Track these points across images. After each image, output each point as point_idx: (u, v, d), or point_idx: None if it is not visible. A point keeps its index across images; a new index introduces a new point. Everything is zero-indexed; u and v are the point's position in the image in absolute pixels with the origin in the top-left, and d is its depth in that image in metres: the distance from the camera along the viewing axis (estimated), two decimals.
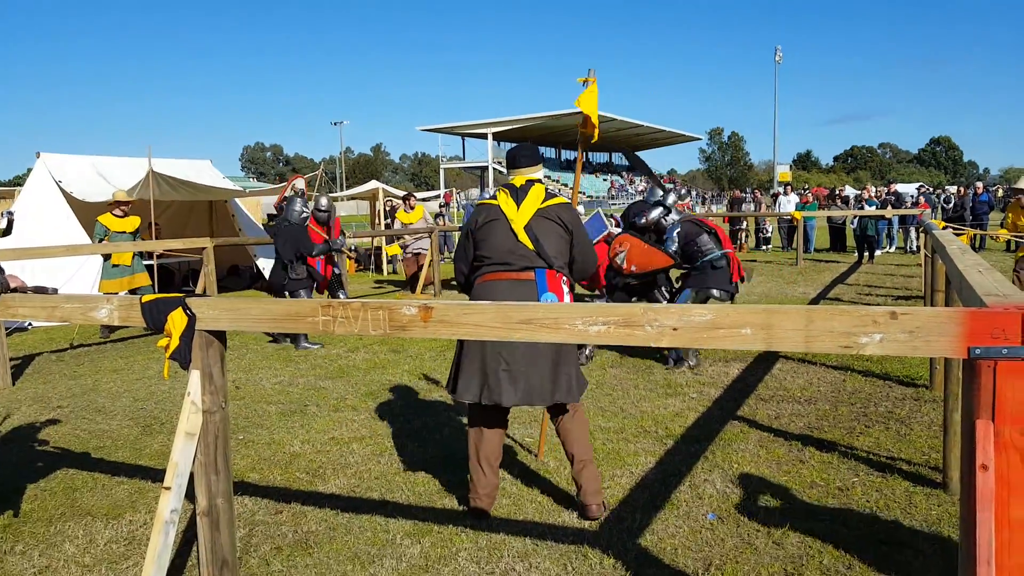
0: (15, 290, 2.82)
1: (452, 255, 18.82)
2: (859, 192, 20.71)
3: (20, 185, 20.68)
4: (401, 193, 17.40)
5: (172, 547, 2.43)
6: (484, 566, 2.89)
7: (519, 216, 3.24)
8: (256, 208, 16.82)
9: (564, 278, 3.30)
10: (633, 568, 2.82)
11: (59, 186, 10.03)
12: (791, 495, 3.45)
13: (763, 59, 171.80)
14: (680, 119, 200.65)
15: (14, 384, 6.22)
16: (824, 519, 3.19)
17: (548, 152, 72.74)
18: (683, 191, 18.88)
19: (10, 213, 10.01)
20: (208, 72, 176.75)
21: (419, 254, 11.77)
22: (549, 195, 3.32)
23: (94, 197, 9.88)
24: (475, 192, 60.96)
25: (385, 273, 15.66)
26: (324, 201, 8.44)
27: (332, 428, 4.74)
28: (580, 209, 9.48)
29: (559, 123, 60.43)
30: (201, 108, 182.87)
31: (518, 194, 3.31)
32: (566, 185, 61.02)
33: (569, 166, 69.83)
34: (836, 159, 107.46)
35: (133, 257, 8.45)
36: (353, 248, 16.35)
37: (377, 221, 16.05)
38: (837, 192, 23.75)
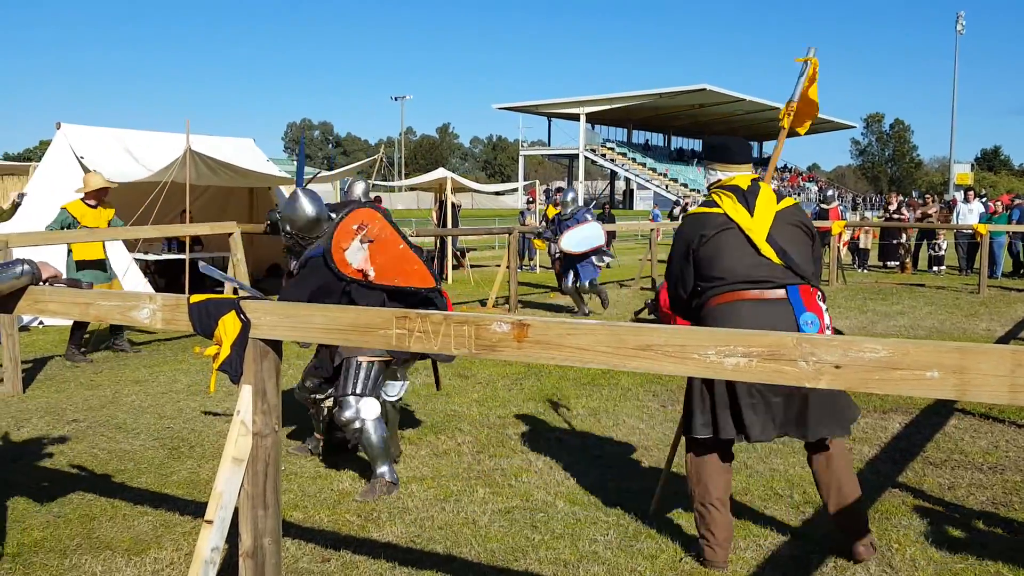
0: (46, 281, 3.02)
1: (530, 261, 19.02)
2: None
3: (31, 160, 22.17)
4: (474, 184, 17.59)
5: None
6: None
7: (756, 224, 3.31)
8: None
9: (820, 294, 3.35)
10: None
11: (80, 162, 10.71)
12: None
13: (940, 28, 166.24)
14: (828, 102, 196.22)
15: (24, 391, 6.68)
16: None
17: (655, 139, 72.50)
18: (828, 192, 18.27)
19: (21, 195, 10.76)
20: (248, 36, 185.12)
21: (557, 258, 11.54)
22: (779, 196, 3.45)
23: (121, 177, 10.47)
24: (560, 184, 61.24)
25: (450, 280, 15.94)
26: (360, 187, 7.93)
27: None
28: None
29: (669, 103, 59.96)
30: (240, 77, 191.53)
31: (747, 198, 3.38)
32: (675, 180, 60.47)
33: (681, 156, 69.28)
34: None
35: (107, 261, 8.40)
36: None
37: (440, 217, 16.39)
38: None
